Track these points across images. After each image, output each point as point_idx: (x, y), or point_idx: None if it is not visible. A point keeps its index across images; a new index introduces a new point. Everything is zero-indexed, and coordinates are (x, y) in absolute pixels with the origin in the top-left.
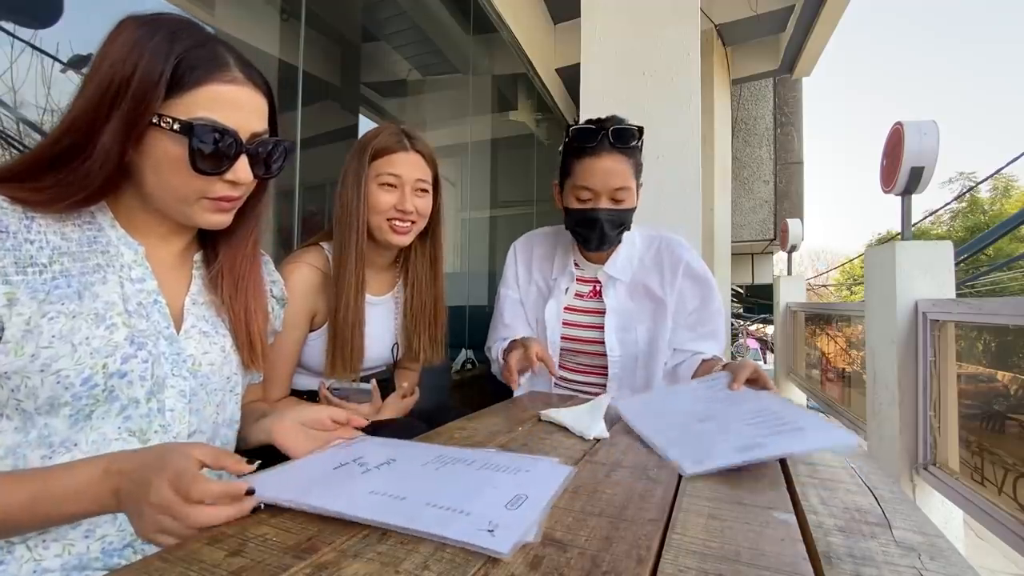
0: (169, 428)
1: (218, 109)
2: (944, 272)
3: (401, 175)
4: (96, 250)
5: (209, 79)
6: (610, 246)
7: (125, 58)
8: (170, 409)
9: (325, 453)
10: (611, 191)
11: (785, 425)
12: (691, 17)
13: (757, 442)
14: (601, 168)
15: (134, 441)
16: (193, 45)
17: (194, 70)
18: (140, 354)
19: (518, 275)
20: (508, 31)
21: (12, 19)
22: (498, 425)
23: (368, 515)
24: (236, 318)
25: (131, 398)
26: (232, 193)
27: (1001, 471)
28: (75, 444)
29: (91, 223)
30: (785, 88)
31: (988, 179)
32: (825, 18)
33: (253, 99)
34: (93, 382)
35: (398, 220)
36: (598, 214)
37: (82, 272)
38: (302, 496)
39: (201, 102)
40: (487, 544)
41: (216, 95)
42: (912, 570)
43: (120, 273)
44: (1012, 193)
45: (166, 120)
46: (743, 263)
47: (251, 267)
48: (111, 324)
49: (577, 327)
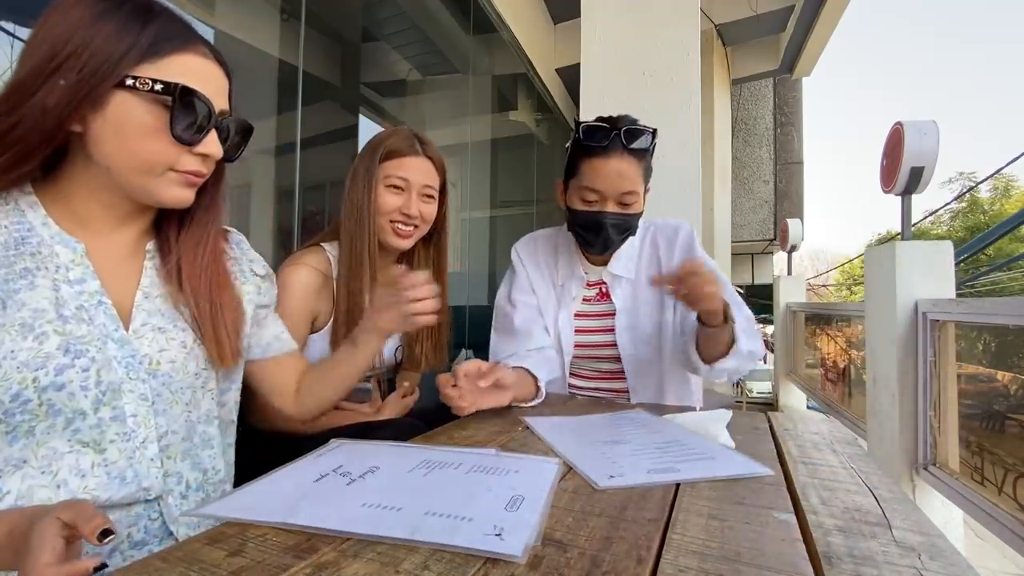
0: (133, 435)
1: (191, 79)
2: (944, 272)
3: (409, 179)
4: (24, 252)
5: (184, 49)
6: (615, 249)
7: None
8: (132, 415)
9: (301, 465)
10: (619, 194)
11: (699, 455)
12: (691, 17)
13: (669, 466)
14: (610, 170)
15: (89, 452)
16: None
17: (171, 39)
18: (79, 363)
19: (531, 279)
20: (508, 31)
21: (12, 19)
22: (498, 425)
23: (368, 530)
24: (200, 313)
25: (75, 410)
26: (201, 168)
27: (1001, 471)
28: (24, 461)
29: (19, 223)
30: (785, 88)
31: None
32: (825, 18)
33: (220, 77)
34: (24, 397)
35: (401, 223)
36: (604, 218)
37: (6, 279)
38: (290, 515)
39: (175, 70)
40: (499, 548)
41: (191, 65)
42: (912, 570)
43: (55, 275)
44: (1012, 193)
45: (144, 81)
46: (743, 263)
47: (214, 258)
48: (40, 334)
49: (588, 332)
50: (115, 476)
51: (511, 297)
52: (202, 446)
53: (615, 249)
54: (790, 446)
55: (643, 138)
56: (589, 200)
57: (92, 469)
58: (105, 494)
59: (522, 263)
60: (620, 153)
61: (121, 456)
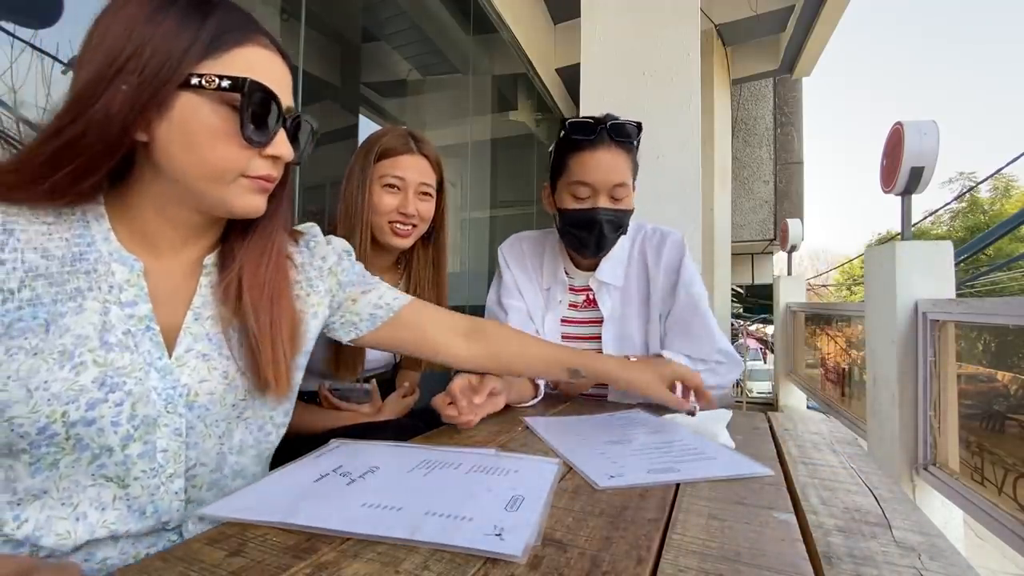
0: (160, 470)
1: (257, 73)
2: (944, 272)
3: (405, 177)
4: (79, 270)
5: (248, 41)
6: (606, 250)
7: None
8: (163, 450)
9: (303, 465)
10: (611, 187)
11: (698, 455)
12: (691, 17)
13: (669, 466)
14: (600, 162)
15: (112, 486)
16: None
17: (233, 31)
18: (112, 397)
19: (518, 282)
20: (508, 31)
21: (12, 19)
22: (498, 425)
23: (368, 530)
24: (260, 328)
25: (102, 446)
26: (272, 172)
27: (1001, 471)
28: (44, 491)
29: (82, 236)
30: (785, 88)
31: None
32: (825, 18)
33: (285, 70)
34: (52, 431)
35: (399, 223)
36: (598, 214)
37: (55, 299)
38: (290, 515)
39: (240, 64)
40: (499, 548)
41: (255, 58)
42: (912, 570)
43: (107, 296)
44: (1012, 193)
45: (209, 79)
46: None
47: (277, 268)
48: (78, 363)
49: (575, 339)
50: (135, 510)
51: (501, 301)
52: (232, 476)
53: (608, 249)
54: (790, 446)
55: (629, 131)
56: (581, 196)
57: (113, 502)
58: (124, 527)
59: (508, 266)
60: (608, 145)
61: (144, 492)
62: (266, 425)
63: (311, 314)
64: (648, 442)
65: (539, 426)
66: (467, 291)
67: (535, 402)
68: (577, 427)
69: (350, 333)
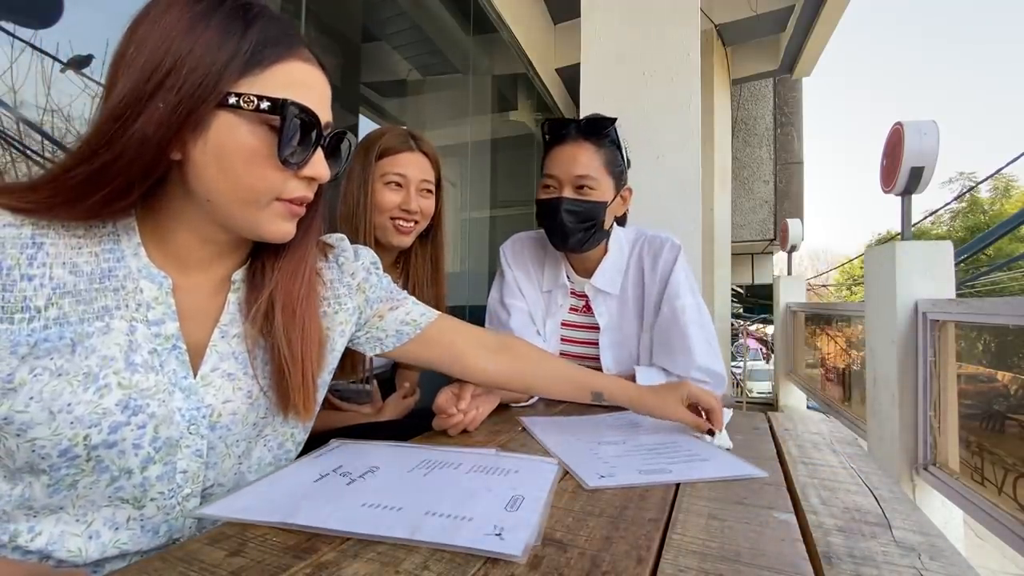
0: (178, 490)
1: (297, 91)
2: (944, 272)
3: (407, 175)
4: (107, 287)
5: (288, 55)
6: (580, 245)
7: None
8: (182, 471)
9: (303, 465)
10: (573, 178)
11: (692, 456)
12: (691, 17)
13: (662, 467)
14: (564, 155)
15: (128, 507)
16: (269, 18)
17: (275, 45)
18: (135, 420)
19: (518, 282)
20: (508, 31)
21: (12, 19)
22: (498, 425)
23: (368, 530)
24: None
25: (122, 468)
26: (307, 194)
27: (1001, 471)
28: (61, 508)
29: (112, 251)
30: (785, 88)
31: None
32: (825, 18)
33: (325, 85)
34: (73, 454)
35: (402, 220)
36: (560, 203)
37: (82, 318)
38: (290, 515)
39: (280, 81)
40: (499, 548)
41: (296, 74)
42: (912, 570)
43: (134, 314)
44: (1012, 193)
45: (248, 99)
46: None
47: (309, 293)
48: (103, 385)
49: (574, 343)
50: (148, 530)
51: (504, 301)
52: None
53: (582, 243)
54: (790, 446)
55: (600, 125)
56: (547, 187)
57: (127, 523)
58: (135, 547)
59: (509, 265)
60: (575, 139)
61: (159, 512)
62: (286, 443)
63: (338, 332)
64: (642, 443)
65: (534, 426)
66: (467, 291)
67: (532, 401)
68: (572, 427)
69: (375, 348)
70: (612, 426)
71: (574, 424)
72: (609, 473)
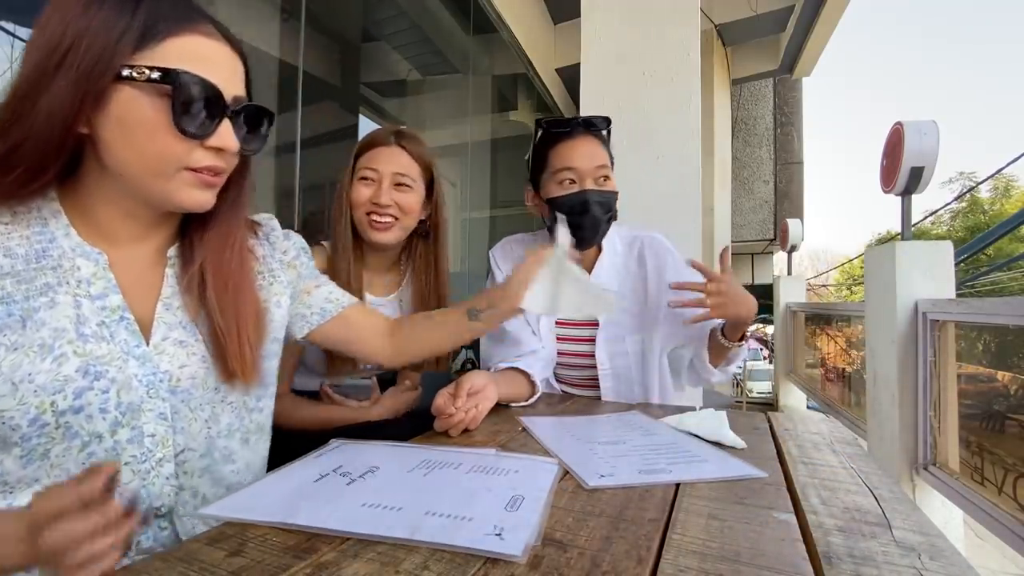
0: (149, 455)
1: (195, 63)
2: (944, 272)
3: (378, 168)
4: (45, 266)
5: (183, 29)
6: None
7: (79, 12)
8: (150, 435)
9: (303, 465)
10: (594, 168)
11: (691, 457)
12: (691, 17)
13: (661, 467)
14: (582, 148)
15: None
16: None
17: (166, 19)
18: (98, 384)
19: None
20: (508, 31)
21: (12, 19)
22: (498, 425)
23: (367, 530)
24: (226, 322)
25: (92, 433)
26: (218, 163)
27: (1001, 471)
28: (36, 480)
29: (41, 233)
30: (785, 88)
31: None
32: (825, 18)
33: (231, 59)
34: (42, 421)
35: (376, 214)
36: (588, 195)
37: (27, 296)
38: (290, 515)
39: (175, 55)
40: (499, 548)
41: (192, 47)
42: (912, 570)
43: (76, 290)
44: (1012, 193)
45: (140, 70)
46: (743, 263)
47: (241, 261)
48: (59, 355)
49: (569, 341)
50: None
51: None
52: (223, 461)
53: (601, 235)
54: (790, 446)
55: (600, 123)
56: (566, 181)
57: None
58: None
59: (499, 267)
60: (584, 134)
61: (135, 477)
62: (254, 411)
63: (275, 303)
64: (642, 443)
65: (534, 426)
66: (467, 291)
67: (532, 401)
68: (572, 427)
69: (303, 328)
70: (612, 426)
71: (574, 424)
72: (609, 473)
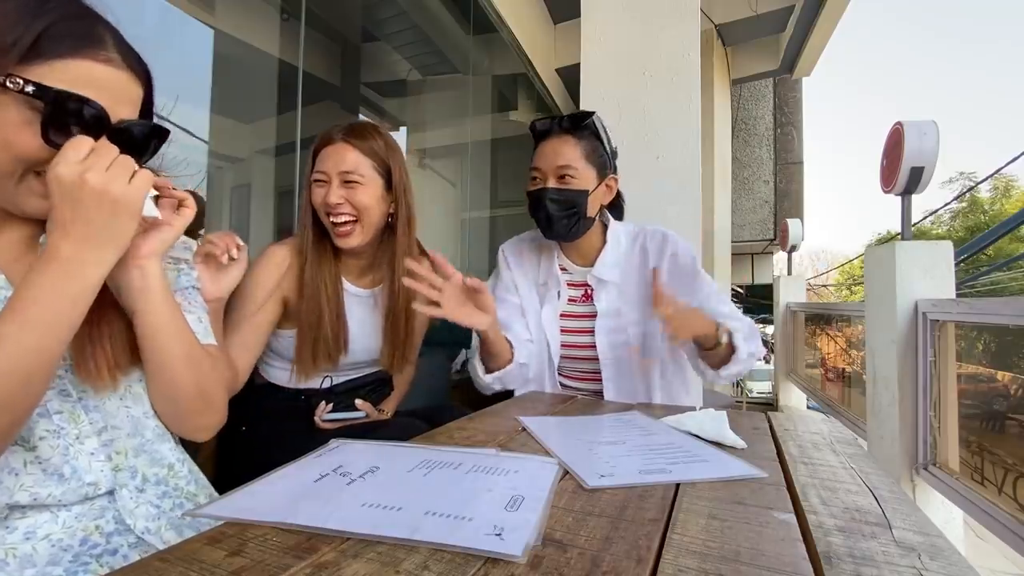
0: (63, 432)
1: (79, 86)
2: (944, 272)
3: (326, 170)
4: None
5: (77, 54)
6: (567, 232)
7: None
8: (56, 412)
9: (302, 464)
10: (554, 169)
11: (692, 457)
12: (691, 17)
13: (662, 468)
14: (547, 149)
15: (19, 450)
16: (68, 15)
17: (62, 40)
18: None
19: (515, 279)
20: (508, 31)
21: None
22: (498, 425)
23: (367, 530)
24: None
25: None
26: None
27: (1001, 471)
28: None
29: None
30: (785, 88)
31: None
32: (825, 18)
33: (126, 86)
34: None
35: (332, 216)
36: (543, 193)
37: None
38: (290, 515)
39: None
40: (499, 548)
41: (82, 73)
42: (912, 570)
43: None
44: (1012, 193)
45: (14, 81)
46: (743, 263)
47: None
48: None
49: (573, 333)
50: (52, 473)
51: (495, 293)
52: (156, 440)
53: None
54: (790, 446)
55: (579, 119)
56: (534, 179)
57: (25, 467)
58: (45, 491)
59: (507, 264)
60: (557, 134)
61: (55, 452)
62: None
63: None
64: (642, 443)
65: (534, 426)
66: None
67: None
68: (572, 427)
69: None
70: (612, 426)
71: (574, 424)
72: (609, 473)
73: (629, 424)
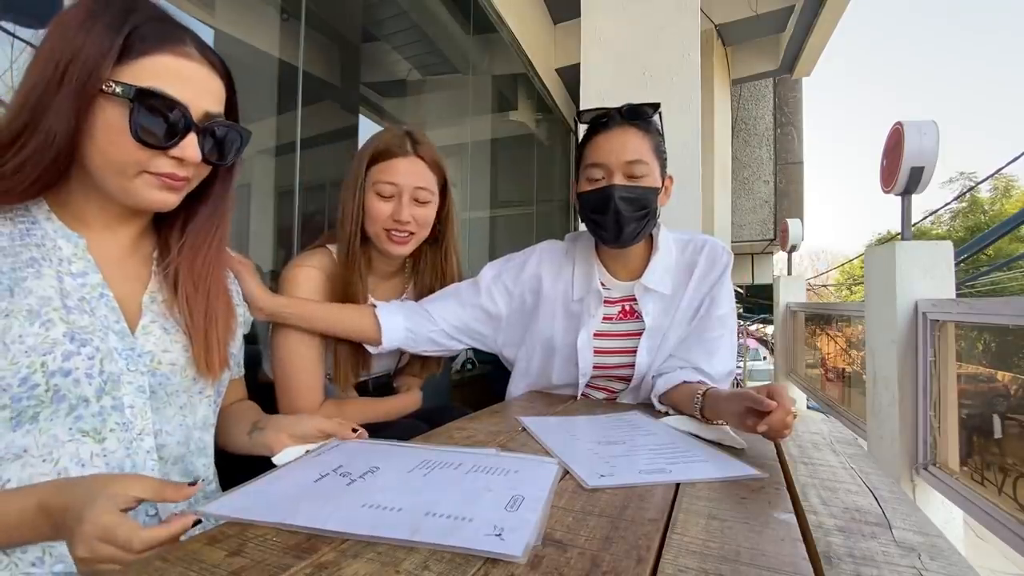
0: (130, 425)
1: (167, 81)
2: (944, 272)
3: (398, 183)
4: (30, 243)
5: (159, 49)
6: (634, 236)
7: (77, 29)
8: (129, 406)
9: (303, 465)
10: (623, 163)
11: (691, 457)
12: (691, 17)
13: (661, 468)
14: (612, 141)
15: (88, 441)
16: (149, 18)
17: (145, 40)
18: (84, 351)
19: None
20: (508, 31)
21: (12, 19)
22: (498, 425)
23: (368, 531)
24: (194, 322)
25: (80, 397)
26: (178, 171)
27: (1001, 471)
28: (25, 450)
29: (24, 216)
30: (785, 88)
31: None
32: (825, 18)
33: (207, 79)
34: (33, 382)
35: (395, 230)
36: (612, 191)
37: (13, 267)
38: (290, 515)
39: (149, 72)
40: (499, 548)
41: (166, 66)
42: (912, 570)
43: (58, 268)
44: (1012, 193)
45: (108, 84)
46: (743, 263)
47: (214, 268)
48: (47, 320)
49: (607, 354)
50: (114, 466)
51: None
52: (197, 453)
53: (635, 233)
54: (790, 446)
55: (644, 111)
56: (595, 177)
57: (91, 459)
58: None
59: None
60: (621, 125)
61: (120, 446)
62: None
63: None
64: (642, 444)
65: (534, 426)
66: None
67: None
68: (572, 427)
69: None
70: (612, 426)
71: (574, 424)
72: (609, 473)
73: (629, 424)
